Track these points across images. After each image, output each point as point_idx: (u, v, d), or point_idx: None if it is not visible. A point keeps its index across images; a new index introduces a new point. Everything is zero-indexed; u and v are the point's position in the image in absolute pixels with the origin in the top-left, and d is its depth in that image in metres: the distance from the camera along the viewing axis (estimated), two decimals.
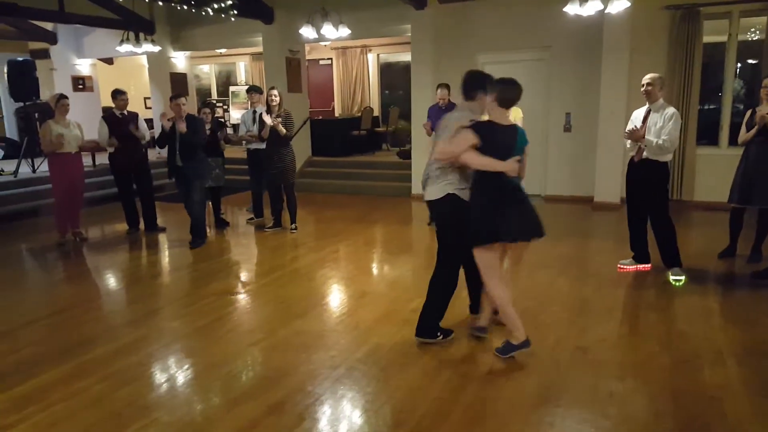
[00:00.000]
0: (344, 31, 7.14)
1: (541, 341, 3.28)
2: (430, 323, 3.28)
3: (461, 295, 3.63)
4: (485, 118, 3.09)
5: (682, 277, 4.20)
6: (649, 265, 4.49)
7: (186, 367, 3.12)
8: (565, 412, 2.56)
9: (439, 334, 3.28)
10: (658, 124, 4.12)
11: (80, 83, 11.26)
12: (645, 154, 4.18)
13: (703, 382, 2.78)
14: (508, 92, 3.03)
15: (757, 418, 2.46)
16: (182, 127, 5.32)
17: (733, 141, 6.63)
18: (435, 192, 3.13)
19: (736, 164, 4.62)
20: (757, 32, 7.12)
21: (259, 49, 9.78)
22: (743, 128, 4.55)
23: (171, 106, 5.51)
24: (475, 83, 3.10)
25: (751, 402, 2.58)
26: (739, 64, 7.24)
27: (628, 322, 3.60)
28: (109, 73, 12.13)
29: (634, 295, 4.07)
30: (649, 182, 4.22)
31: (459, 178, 3.08)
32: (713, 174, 6.82)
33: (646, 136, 4.10)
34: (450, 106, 6.01)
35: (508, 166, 2.95)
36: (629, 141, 4.32)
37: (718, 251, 4.81)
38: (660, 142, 4.06)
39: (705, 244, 5.17)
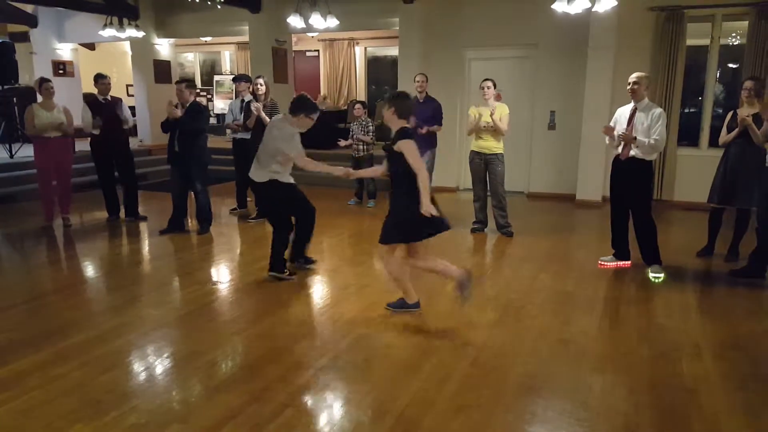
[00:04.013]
0: (332, 22, 7.08)
1: (524, 333, 3.32)
2: (279, 262, 4.27)
3: (444, 292, 3.62)
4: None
5: (662, 275, 4.27)
6: (630, 262, 4.57)
7: (167, 354, 3.08)
8: (547, 402, 2.59)
9: (286, 270, 4.29)
10: (645, 123, 4.16)
11: (61, 68, 10.98)
12: (632, 152, 4.23)
13: (681, 374, 2.83)
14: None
15: (732, 410, 2.52)
16: (176, 112, 5.30)
17: (713, 142, 6.77)
18: (261, 176, 4.14)
19: (716, 165, 4.71)
20: (739, 37, 7.26)
21: (245, 38, 9.66)
22: (724, 130, 4.63)
23: (175, 91, 5.52)
24: (300, 107, 4.15)
25: (727, 395, 2.65)
26: (720, 68, 7.38)
27: (609, 316, 3.65)
28: (90, 58, 11.85)
29: (615, 290, 4.13)
30: (634, 180, 4.28)
31: (280, 168, 4.14)
32: (693, 175, 6.95)
33: (637, 137, 4.16)
34: (428, 99, 6.07)
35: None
36: (607, 138, 4.37)
37: (696, 250, 4.91)
38: (652, 142, 4.11)
39: (684, 242, 5.26)
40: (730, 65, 8.02)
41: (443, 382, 2.75)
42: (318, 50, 12.05)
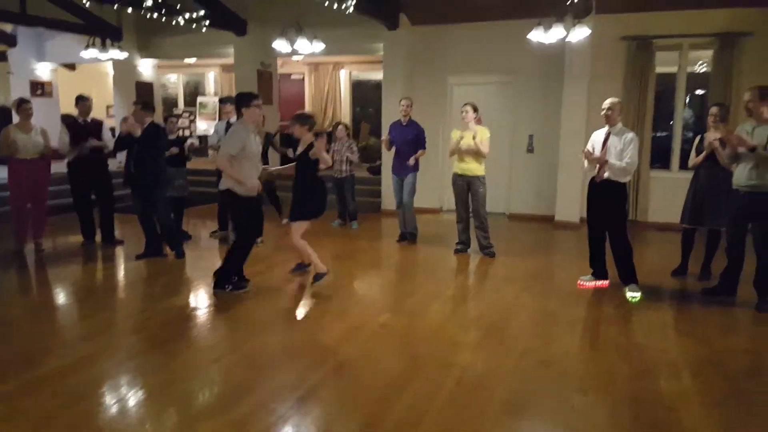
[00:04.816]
0: (318, 47, 7.18)
1: (507, 354, 3.34)
2: (224, 277, 4.37)
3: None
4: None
5: (638, 294, 4.35)
6: (607, 282, 4.64)
7: (143, 383, 2.98)
8: (531, 423, 2.61)
9: (227, 286, 4.38)
10: (618, 147, 4.30)
11: (39, 88, 10.82)
12: (606, 175, 4.36)
13: (660, 392, 2.88)
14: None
15: (710, 427, 2.56)
16: (135, 128, 5.34)
17: (683, 165, 7.01)
18: (221, 183, 4.36)
19: (687, 187, 4.88)
20: (705, 65, 7.59)
21: (230, 60, 9.71)
22: (693, 153, 4.81)
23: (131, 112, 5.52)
24: (239, 101, 4.28)
25: (705, 411, 2.69)
26: (689, 95, 7.69)
27: (589, 335, 3.71)
28: (70, 79, 11.72)
29: (594, 310, 4.20)
30: (609, 202, 4.40)
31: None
32: (665, 196, 7.15)
33: (609, 160, 4.29)
34: (411, 123, 6.21)
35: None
36: (586, 162, 4.50)
37: (671, 269, 5.02)
38: (623, 164, 4.25)
39: (659, 262, 5.38)
40: (698, 91, 8.37)
41: (428, 403, 2.74)
42: (303, 73, 12.16)
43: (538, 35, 5.76)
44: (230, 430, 2.51)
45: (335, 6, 6.37)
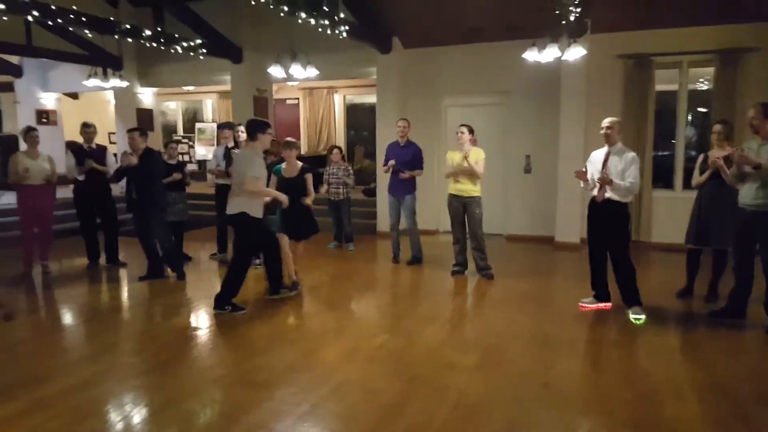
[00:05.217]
0: (312, 72, 7.26)
1: (505, 376, 3.27)
2: (224, 299, 4.43)
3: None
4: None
5: (642, 316, 4.24)
6: (610, 304, 4.54)
7: (144, 403, 2.98)
8: None
9: (227, 307, 4.43)
10: (619, 167, 4.24)
11: (44, 117, 11.03)
12: (607, 195, 4.29)
13: (664, 417, 2.79)
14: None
15: None
16: (131, 160, 5.44)
17: (687, 184, 6.91)
18: (231, 208, 4.42)
19: (691, 206, 4.77)
20: (707, 82, 7.52)
21: (227, 87, 9.85)
22: (696, 172, 4.71)
23: (127, 139, 5.65)
24: (255, 127, 4.41)
25: None
26: (690, 112, 7.61)
27: (591, 358, 3.63)
28: (73, 107, 11.94)
29: (596, 332, 4.11)
30: (611, 222, 4.31)
31: (250, 199, 4.37)
32: (669, 216, 7.05)
33: (614, 180, 4.22)
34: (408, 143, 6.23)
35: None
36: (582, 183, 4.45)
37: (676, 291, 4.90)
38: (627, 184, 4.18)
39: (663, 283, 5.27)
40: (700, 109, 8.29)
41: (425, 427, 2.67)
42: (298, 98, 12.30)
43: (532, 55, 5.79)
44: None
45: (328, 32, 6.47)
